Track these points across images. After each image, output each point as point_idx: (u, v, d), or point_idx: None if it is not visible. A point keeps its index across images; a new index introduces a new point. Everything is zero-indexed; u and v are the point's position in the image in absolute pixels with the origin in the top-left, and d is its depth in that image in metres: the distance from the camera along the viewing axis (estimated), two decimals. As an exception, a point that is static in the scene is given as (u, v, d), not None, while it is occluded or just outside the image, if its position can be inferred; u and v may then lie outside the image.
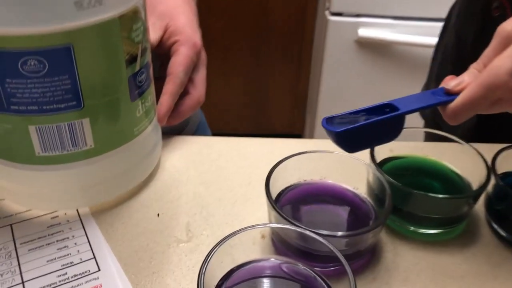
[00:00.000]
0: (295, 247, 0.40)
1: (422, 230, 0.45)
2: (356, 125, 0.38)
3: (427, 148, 0.51)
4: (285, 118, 1.90)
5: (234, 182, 0.50)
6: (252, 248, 0.39)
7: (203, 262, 0.34)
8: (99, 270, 0.40)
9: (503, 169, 0.46)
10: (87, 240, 0.43)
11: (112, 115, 0.42)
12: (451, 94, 0.38)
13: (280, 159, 0.44)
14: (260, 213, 0.47)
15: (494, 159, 0.46)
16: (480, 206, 0.47)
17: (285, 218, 0.39)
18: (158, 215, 0.46)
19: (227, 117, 1.88)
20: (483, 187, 0.42)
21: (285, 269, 0.39)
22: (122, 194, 0.48)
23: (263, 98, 1.86)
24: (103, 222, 0.45)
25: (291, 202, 0.45)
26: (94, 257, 0.41)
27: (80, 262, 0.41)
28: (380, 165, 0.45)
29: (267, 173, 0.42)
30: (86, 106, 0.39)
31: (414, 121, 0.99)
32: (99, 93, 0.40)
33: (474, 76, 0.37)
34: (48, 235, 0.43)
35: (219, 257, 0.36)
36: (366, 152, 0.48)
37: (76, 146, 0.41)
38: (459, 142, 0.47)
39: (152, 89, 0.47)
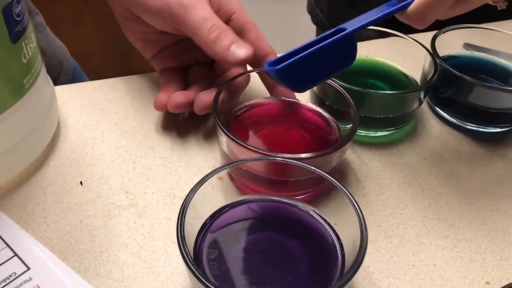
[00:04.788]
0: (264, 179, 0.34)
1: (371, 133, 0.42)
2: (296, 58, 0.33)
3: (364, 47, 0.47)
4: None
5: (164, 123, 0.42)
6: (213, 194, 0.32)
7: (178, 235, 0.27)
8: (28, 268, 0.31)
9: (441, 53, 0.45)
10: (-3, 236, 0.32)
11: (-9, 65, 0.31)
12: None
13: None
14: (205, 151, 0.40)
15: (433, 44, 0.44)
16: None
17: (250, 149, 0.32)
18: (81, 183, 0.37)
19: (89, 66, 1.68)
20: (433, 76, 0.40)
21: (264, 208, 0.33)
22: (24, 168, 0.37)
23: (123, 37, 1.69)
24: (10, 208, 0.34)
25: (243, 130, 0.38)
26: (16, 255, 0.31)
27: (-2, 266, 0.31)
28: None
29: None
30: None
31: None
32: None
33: None
34: None
35: (188, 218, 0.29)
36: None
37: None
38: (396, 35, 0.44)
39: (32, 26, 0.36)
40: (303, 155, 0.32)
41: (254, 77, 0.41)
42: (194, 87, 0.40)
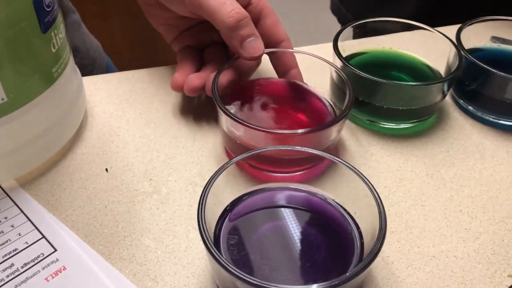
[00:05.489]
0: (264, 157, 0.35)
1: (394, 125, 0.42)
2: None
3: (388, 40, 0.47)
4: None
5: (187, 114, 0.43)
6: (233, 182, 0.33)
7: (198, 219, 0.27)
8: (55, 250, 0.32)
9: (467, 46, 0.44)
10: (26, 219, 0.33)
11: (22, 54, 0.32)
12: None
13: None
14: (225, 143, 0.40)
15: (458, 36, 0.43)
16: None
17: (247, 125, 0.33)
18: (106, 170, 0.38)
19: (118, 62, 1.71)
20: (457, 68, 0.40)
21: (284, 196, 0.34)
22: (53, 155, 0.38)
23: (150, 32, 1.71)
24: (39, 193, 0.36)
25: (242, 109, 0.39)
26: (44, 237, 0.32)
27: (27, 247, 0.32)
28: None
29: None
30: (-13, 43, 0.29)
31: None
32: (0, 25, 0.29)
33: None
34: (-29, 224, 0.33)
35: (208, 205, 0.29)
36: (328, 50, 0.43)
37: (-16, 101, 0.30)
38: (423, 28, 0.44)
39: (61, 17, 0.37)
40: (300, 131, 0.33)
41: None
42: (209, 66, 0.41)
